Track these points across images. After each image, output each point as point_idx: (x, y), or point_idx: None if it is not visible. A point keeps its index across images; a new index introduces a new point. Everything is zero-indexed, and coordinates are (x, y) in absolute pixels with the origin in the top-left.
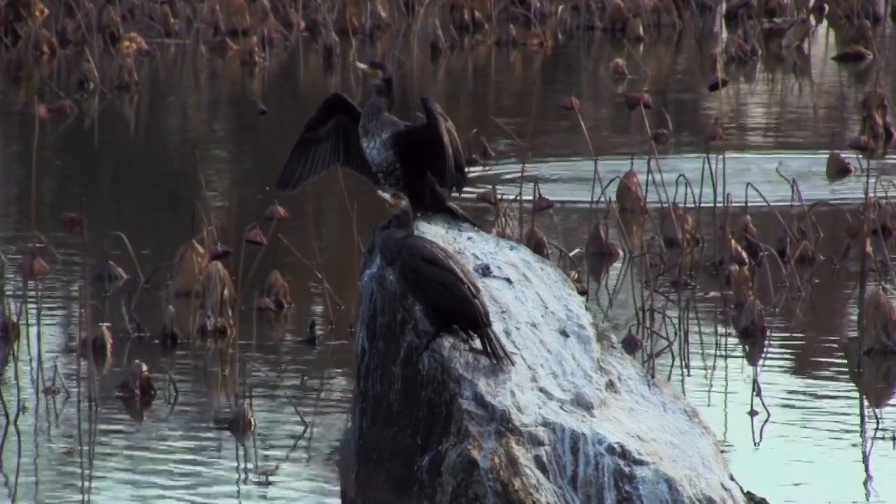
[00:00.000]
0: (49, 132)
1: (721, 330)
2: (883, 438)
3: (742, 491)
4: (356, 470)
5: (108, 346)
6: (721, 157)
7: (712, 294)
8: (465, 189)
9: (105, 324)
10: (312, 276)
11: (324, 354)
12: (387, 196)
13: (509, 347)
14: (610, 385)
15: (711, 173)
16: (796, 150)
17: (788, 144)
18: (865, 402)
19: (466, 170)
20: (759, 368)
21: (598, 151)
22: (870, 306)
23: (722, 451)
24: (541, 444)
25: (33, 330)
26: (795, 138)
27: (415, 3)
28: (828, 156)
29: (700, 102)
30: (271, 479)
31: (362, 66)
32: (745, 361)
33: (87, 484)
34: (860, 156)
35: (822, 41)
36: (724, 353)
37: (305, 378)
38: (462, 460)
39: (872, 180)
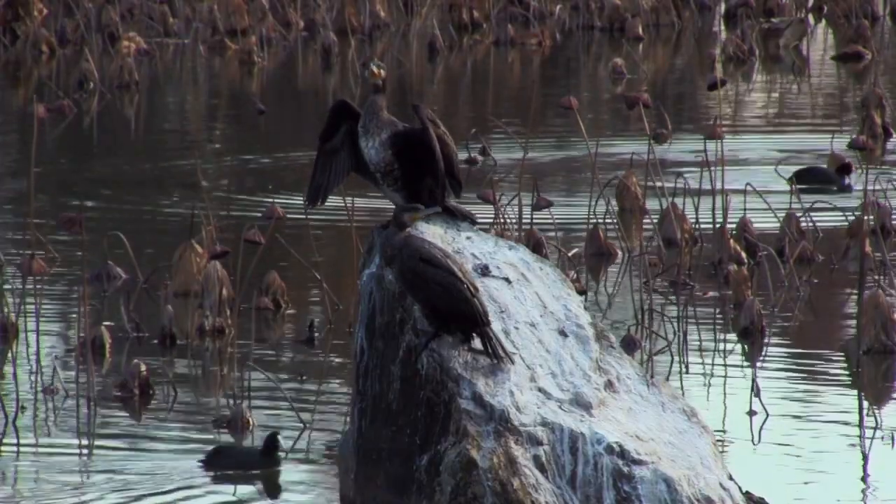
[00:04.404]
0: (48, 132)
1: (720, 330)
2: (882, 438)
3: (741, 490)
4: (355, 469)
5: (107, 345)
6: (720, 154)
7: (711, 294)
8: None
9: (104, 323)
10: (311, 275)
11: (322, 354)
12: (372, 67)
13: (508, 347)
14: (609, 385)
15: (710, 173)
16: (795, 149)
17: (787, 144)
18: (864, 402)
19: (464, 166)
20: (757, 368)
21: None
22: (869, 306)
23: (721, 451)
24: (539, 443)
25: (32, 329)
26: (794, 138)
27: (413, 3)
28: (828, 155)
29: (699, 102)
30: (270, 479)
31: (375, 67)
32: (744, 361)
33: (85, 483)
34: (859, 155)
35: (821, 41)
36: (722, 352)
37: (304, 378)
38: (461, 460)
39: (871, 179)
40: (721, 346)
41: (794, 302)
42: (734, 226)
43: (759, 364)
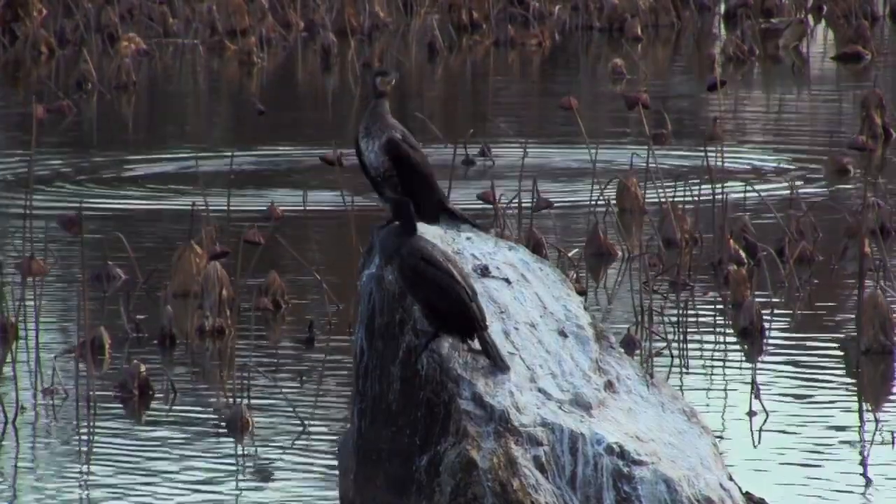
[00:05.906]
0: (47, 132)
1: (720, 330)
2: (881, 438)
3: (741, 491)
4: (355, 470)
5: (107, 346)
6: (719, 155)
7: (711, 294)
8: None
9: (104, 324)
10: (311, 275)
11: (322, 354)
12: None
13: (508, 348)
14: (608, 385)
15: (710, 173)
16: (795, 150)
17: (787, 144)
18: (864, 402)
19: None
20: (757, 368)
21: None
22: (868, 306)
23: (720, 452)
24: (539, 444)
25: (32, 330)
26: (794, 138)
27: (413, 3)
28: (827, 156)
29: (698, 102)
30: (270, 477)
31: (388, 78)
32: (744, 361)
33: (85, 484)
34: (859, 156)
35: (821, 41)
36: (722, 353)
37: (304, 378)
38: (461, 460)
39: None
40: (721, 346)
41: (793, 302)
42: (734, 226)
43: (759, 364)
